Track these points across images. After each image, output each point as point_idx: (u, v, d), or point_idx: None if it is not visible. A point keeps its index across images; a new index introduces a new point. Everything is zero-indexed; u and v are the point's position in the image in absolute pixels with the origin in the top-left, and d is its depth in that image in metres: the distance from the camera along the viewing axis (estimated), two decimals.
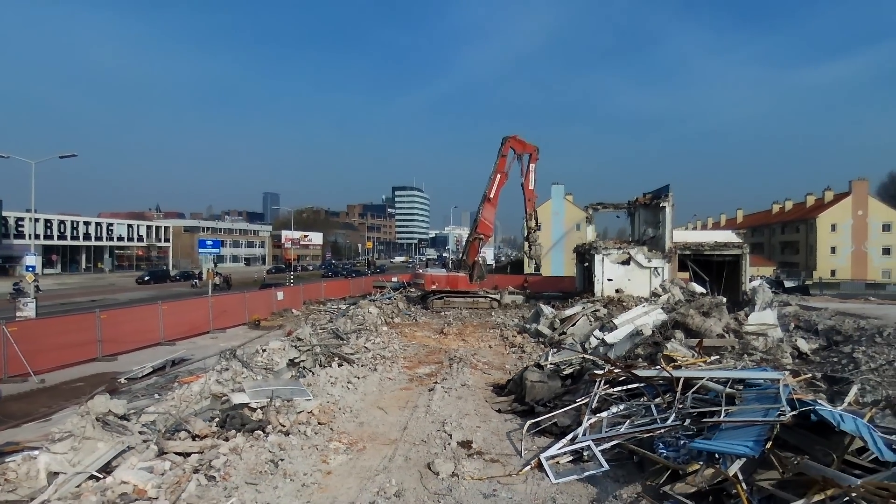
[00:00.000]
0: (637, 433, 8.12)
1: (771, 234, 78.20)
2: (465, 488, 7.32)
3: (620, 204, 35.34)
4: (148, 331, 18.58)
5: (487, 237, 31.09)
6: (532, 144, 29.96)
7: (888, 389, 12.84)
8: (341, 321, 20.28)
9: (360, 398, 11.68)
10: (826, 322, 19.30)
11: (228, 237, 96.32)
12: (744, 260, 29.14)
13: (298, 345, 15.73)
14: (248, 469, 7.52)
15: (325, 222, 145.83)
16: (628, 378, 10.28)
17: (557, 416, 9.62)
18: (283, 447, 8.36)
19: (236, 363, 12.05)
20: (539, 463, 8.09)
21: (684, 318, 15.77)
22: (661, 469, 7.40)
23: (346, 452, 8.60)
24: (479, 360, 16.18)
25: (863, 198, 63.05)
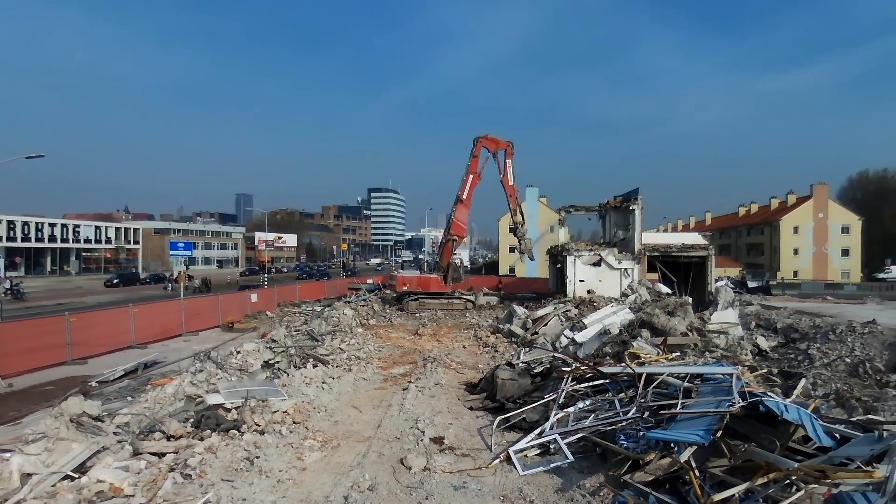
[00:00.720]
0: (600, 426, 8.53)
1: (737, 236, 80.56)
2: (436, 481, 7.61)
3: (592, 207, 36.11)
4: (118, 334, 18.36)
5: (461, 238, 31.35)
6: (505, 141, 30.13)
7: (837, 383, 13.59)
8: (316, 323, 20.36)
9: (335, 398, 11.86)
10: (785, 321, 20.17)
11: (200, 239, 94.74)
12: (709, 261, 30.13)
13: (273, 346, 15.81)
14: (223, 467, 7.67)
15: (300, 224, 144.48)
16: (595, 375, 10.72)
17: (526, 412, 9.99)
18: (258, 445, 8.52)
19: (210, 365, 12.10)
20: (508, 456, 8.43)
21: (650, 318, 16.35)
22: (623, 460, 7.80)
23: (321, 450, 8.80)
24: (452, 360, 16.49)
25: (823, 201, 65.53)
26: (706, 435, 6.50)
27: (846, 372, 14.93)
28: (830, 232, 64.94)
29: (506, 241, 68.41)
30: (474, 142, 30.09)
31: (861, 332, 16.81)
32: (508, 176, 30.16)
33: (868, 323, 17.25)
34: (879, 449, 5.63)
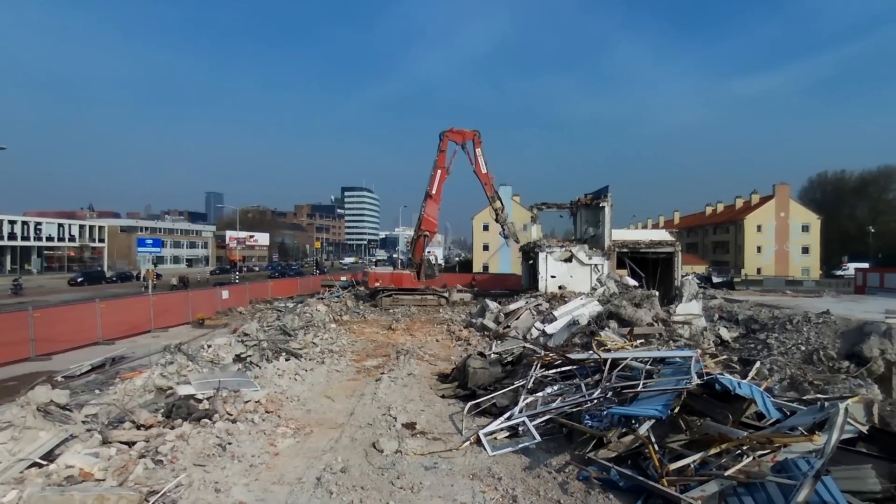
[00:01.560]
0: (567, 408, 8.83)
1: (704, 234, 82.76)
2: (407, 462, 7.79)
3: (563, 204, 36.72)
4: (84, 330, 17.99)
5: (432, 234, 31.49)
6: (470, 131, 30.22)
7: (792, 369, 14.25)
8: (289, 318, 20.28)
9: (308, 388, 11.93)
10: (746, 312, 20.93)
11: (169, 237, 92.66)
12: (676, 257, 30.99)
13: (245, 340, 15.76)
14: (195, 453, 7.71)
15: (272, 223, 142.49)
16: (563, 362, 11.05)
17: (496, 398, 10.24)
18: (230, 433, 8.57)
19: (181, 357, 12.02)
20: (478, 439, 8.66)
21: (618, 309, 16.82)
22: (588, 439, 8.12)
23: (294, 436, 8.89)
24: (425, 353, 16.67)
25: (785, 200, 67.87)
26: (664, 409, 6.84)
27: (801, 359, 15.67)
28: (791, 230, 67.33)
29: (479, 239, 68.94)
30: (440, 136, 30.14)
31: (816, 322, 17.61)
32: (480, 164, 30.21)
33: (822, 313, 18.08)
34: (821, 417, 6.03)
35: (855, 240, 77.07)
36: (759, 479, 5.81)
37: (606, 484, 6.83)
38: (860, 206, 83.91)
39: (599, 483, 6.87)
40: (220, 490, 6.68)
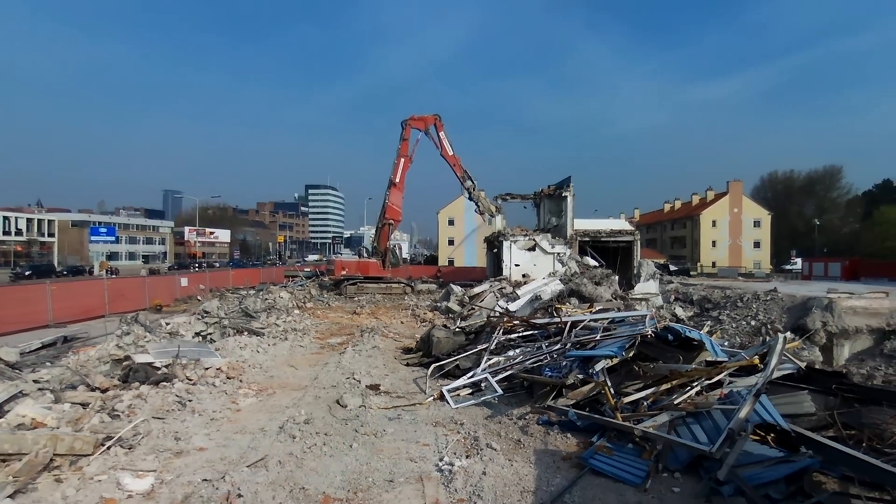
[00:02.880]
0: (528, 363, 9.06)
1: (662, 230, 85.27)
2: (371, 415, 7.86)
3: (527, 195, 37.24)
4: (34, 313, 17.27)
5: (397, 222, 31.46)
6: (431, 115, 30.39)
7: (742, 338, 14.94)
8: (251, 300, 19.98)
9: (270, 359, 11.83)
10: (700, 293, 21.77)
11: (124, 233, 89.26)
12: (635, 246, 31.88)
13: (205, 318, 15.46)
14: (154, 409, 7.59)
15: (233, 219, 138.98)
16: (526, 326, 11.30)
17: (460, 360, 10.41)
18: (190, 392, 8.46)
19: (138, 328, 11.73)
20: (441, 395, 8.80)
21: (579, 287, 17.26)
22: (548, 392, 8.36)
23: (256, 396, 8.83)
24: (390, 331, 16.72)
25: (738, 196, 70.64)
26: (619, 350, 7.13)
27: (750, 332, 16.45)
28: (744, 226, 70.15)
29: (445, 233, 69.17)
30: (402, 125, 30.16)
31: (764, 300, 18.48)
32: (446, 147, 30.33)
33: (770, 291, 18.99)
34: (763, 350, 6.42)
35: (803, 236, 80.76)
36: (706, 408, 6.14)
37: (564, 426, 7.07)
38: (808, 204, 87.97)
39: (558, 425, 7.11)
40: (180, 438, 6.61)
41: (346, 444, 6.58)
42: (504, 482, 5.48)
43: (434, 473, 5.74)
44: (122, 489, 5.19)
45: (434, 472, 5.79)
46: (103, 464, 5.65)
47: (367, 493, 5.22)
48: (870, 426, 6.08)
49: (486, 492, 5.23)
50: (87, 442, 5.71)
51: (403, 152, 30.56)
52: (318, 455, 6.20)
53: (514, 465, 5.96)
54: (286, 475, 5.59)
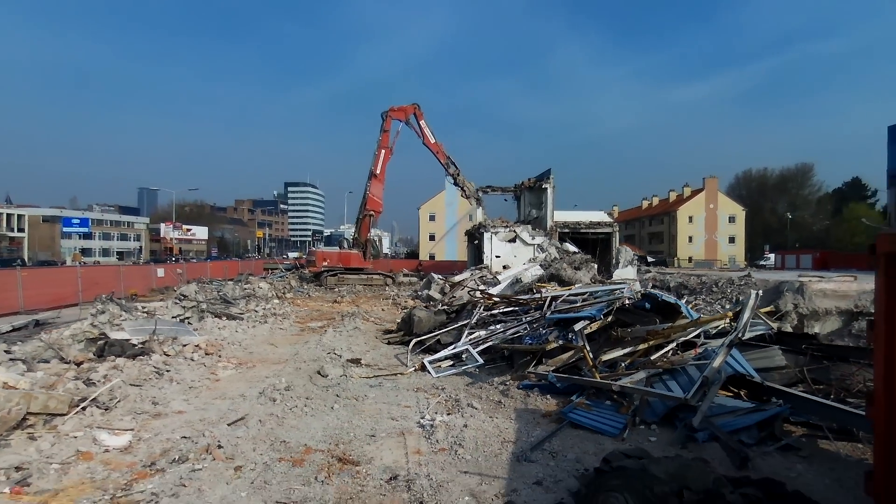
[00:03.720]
0: (509, 334, 9.14)
1: (640, 226, 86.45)
2: (352, 383, 7.85)
3: (508, 187, 37.45)
4: (3, 300, 16.78)
5: (378, 213, 31.36)
6: (410, 105, 30.41)
7: None
8: (229, 287, 19.75)
9: (250, 338, 11.73)
10: (677, 280, 22.14)
11: (98, 228, 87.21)
12: (614, 237, 32.31)
13: (183, 302, 15.24)
14: (131, 378, 7.47)
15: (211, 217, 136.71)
16: (507, 303, 11.39)
17: (441, 335, 10.45)
18: (168, 364, 8.35)
19: (114, 307, 11.52)
20: (423, 366, 8.83)
21: (558, 272, 17.44)
22: (529, 360, 8.45)
23: (236, 369, 8.76)
24: (371, 317, 16.68)
25: (713, 193, 71.99)
26: (598, 312, 7.26)
27: None
28: (720, 221, 71.52)
29: (426, 229, 69.09)
30: (383, 116, 30.08)
31: (739, 284, 18.88)
32: (428, 135, 30.35)
33: (744, 276, 19.42)
34: (737, 307, 6.59)
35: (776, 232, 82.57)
36: (682, 365, 6.29)
37: (544, 389, 7.16)
38: (781, 201, 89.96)
39: (538, 388, 7.19)
40: (158, 403, 6.53)
41: (328, 406, 6.58)
42: (485, 434, 5.55)
43: (415, 429, 5.78)
44: (99, 444, 5.12)
45: (415, 428, 5.82)
46: (79, 423, 5.56)
47: (349, 446, 5.23)
48: (837, 380, 6.30)
49: (467, 441, 5.28)
50: (61, 401, 5.62)
51: (384, 144, 30.48)
52: (299, 415, 6.18)
53: (494, 420, 6.03)
54: (267, 431, 5.57)
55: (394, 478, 4.48)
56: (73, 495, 4.14)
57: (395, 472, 4.58)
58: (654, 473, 3.67)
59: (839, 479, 4.49)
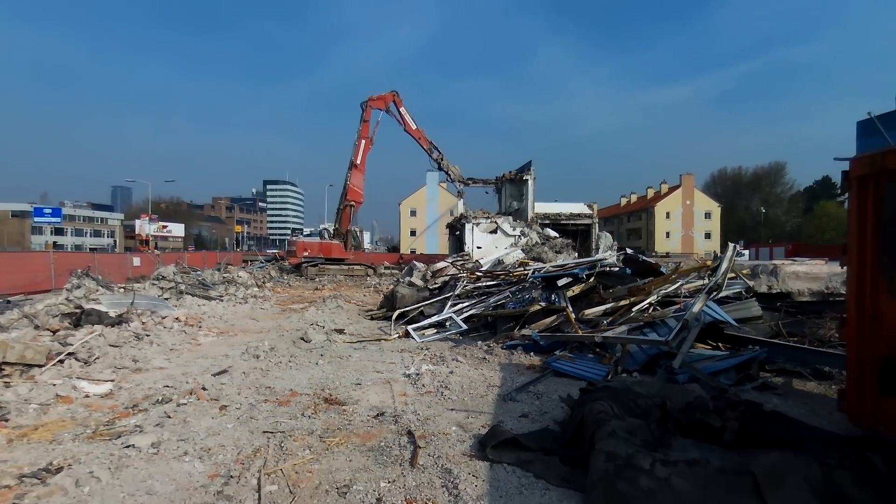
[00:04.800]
0: (492, 301, 9.21)
1: (619, 223, 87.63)
2: (336, 346, 7.84)
3: (489, 180, 37.54)
4: None
5: (358, 203, 31.22)
6: (389, 93, 30.33)
7: None
8: (208, 273, 19.49)
9: (231, 314, 11.59)
10: None
11: (70, 224, 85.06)
12: (594, 228, 32.66)
13: (161, 283, 15.01)
14: (109, 342, 7.33)
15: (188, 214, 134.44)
16: (491, 278, 11.46)
17: (424, 307, 10.47)
18: (147, 330, 8.23)
19: (90, 282, 11.29)
20: (406, 333, 8.84)
21: (540, 255, 17.59)
22: (512, 326, 8.52)
23: (217, 337, 8.66)
24: (353, 300, 16.62)
25: (690, 189, 73.32)
26: (581, 271, 7.36)
27: None
28: (696, 217, 72.87)
29: (407, 224, 69.02)
30: (362, 106, 29.94)
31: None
32: (409, 122, 30.27)
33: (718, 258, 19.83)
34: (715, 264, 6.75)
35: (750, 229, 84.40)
36: (662, 318, 6.42)
37: (528, 347, 7.24)
38: (754, 199, 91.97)
39: (522, 346, 7.27)
40: (139, 361, 6.43)
41: (312, 362, 6.56)
42: (470, 380, 5.60)
43: (401, 378, 5.80)
44: (79, 391, 5.03)
45: (401, 377, 5.85)
46: (57, 374, 5.46)
47: (335, 391, 5.23)
48: (810, 331, 6.50)
49: (453, 385, 5.33)
50: (38, 351, 5.50)
51: (364, 134, 30.34)
52: (284, 369, 6.16)
53: (479, 370, 6.08)
54: (251, 381, 5.54)
55: (380, 414, 4.50)
56: (54, 430, 4.07)
57: (381, 410, 4.60)
58: (638, 391, 3.76)
59: (813, 409, 4.65)
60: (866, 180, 3.64)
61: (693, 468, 2.75)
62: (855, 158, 3.80)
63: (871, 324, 3.56)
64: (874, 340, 3.55)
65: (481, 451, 3.63)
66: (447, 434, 4.01)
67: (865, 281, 3.62)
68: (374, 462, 3.52)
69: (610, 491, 2.77)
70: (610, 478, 2.80)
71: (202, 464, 3.46)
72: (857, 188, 3.71)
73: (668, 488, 2.69)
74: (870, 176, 3.61)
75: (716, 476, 2.72)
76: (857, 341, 3.67)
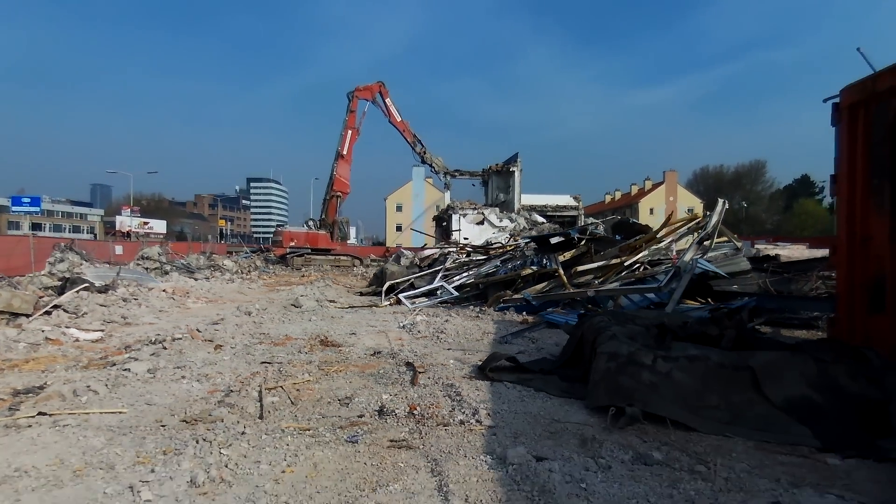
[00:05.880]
0: (484, 270, 9.24)
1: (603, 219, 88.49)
2: (327, 311, 7.80)
3: (476, 172, 37.62)
4: None
5: (345, 194, 31.02)
6: (376, 83, 30.21)
7: None
8: (193, 257, 19.26)
9: (219, 288, 11.48)
10: None
11: (49, 220, 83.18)
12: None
13: (146, 263, 14.81)
14: (96, 303, 7.21)
15: (170, 211, 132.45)
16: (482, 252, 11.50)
17: (414, 280, 10.46)
18: (135, 295, 8.11)
19: (73, 255, 11.10)
20: (398, 300, 8.83)
21: None
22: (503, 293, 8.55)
23: (206, 304, 8.57)
24: (341, 283, 16.57)
25: (673, 185, 74.28)
26: (573, 232, 7.41)
27: None
28: (679, 213, 73.76)
29: (392, 220, 68.88)
30: (349, 97, 29.78)
31: None
32: (394, 113, 30.15)
33: None
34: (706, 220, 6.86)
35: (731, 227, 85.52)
36: (653, 274, 6.50)
37: (520, 308, 7.28)
38: (736, 197, 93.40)
39: (514, 307, 7.31)
40: (128, 317, 6.34)
41: (305, 319, 6.54)
42: (465, 328, 5.62)
43: (396, 329, 5.80)
44: (69, 337, 4.95)
45: (396, 328, 5.85)
46: (45, 322, 5.37)
47: (330, 337, 5.21)
48: (797, 287, 6.64)
49: (448, 331, 5.35)
50: (26, 300, 5.41)
51: (351, 124, 30.15)
52: (277, 323, 6.12)
53: (474, 322, 6.11)
54: (245, 330, 5.49)
55: (377, 353, 4.50)
56: (45, 363, 4.01)
57: (378, 350, 4.60)
58: (636, 315, 3.81)
59: None
60: (857, 107, 3.74)
61: (693, 363, 2.80)
62: (845, 88, 3.89)
63: (862, 246, 3.65)
64: (864, 262, 3.64)
65: (481, 373, 3.65)
66: (445, 365, 4.03)
67: (856, 206, 3.71)
68: (374, 382, 3.52)
69: (612, 386, 2.80)
70: (612, 375, 2.84)
71: (200, 384, 3.43)
72: (848, 117, 3.80)
73: (669, 381, 2.73)
74: (860, 102, 3.70)
75: (715, 370, 2.77)
76: (848, 266, 3.75)
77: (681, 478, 2.00)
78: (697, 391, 2.71)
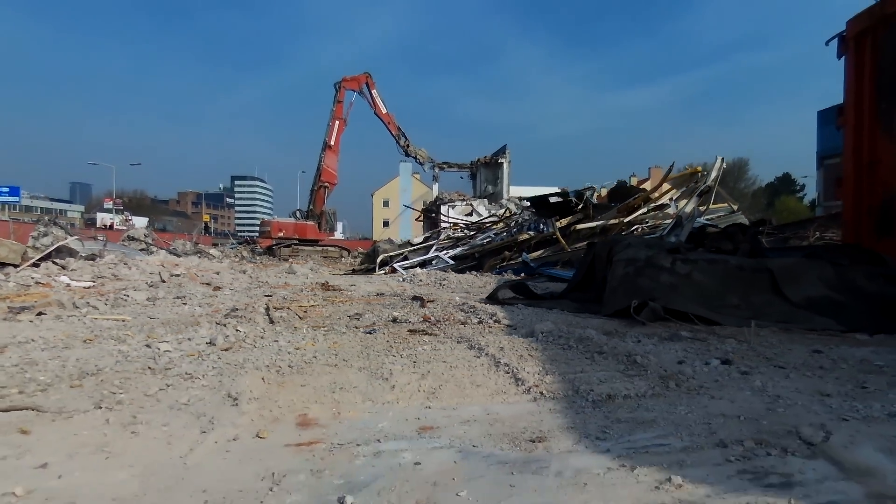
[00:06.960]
0: (479, 240, 9.19)
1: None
2: (322, 275, 7.70)
3: (464, 164, 37.56)
4: None
5: (332, 185, 30.79)
6: (363, 74, 30.07)
7: None
8: (179, 243, 18.98)
9: (208, 264, 11.29)
10: None
11: (27, 216, 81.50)
12: None
13: (132, 244, 14.53)
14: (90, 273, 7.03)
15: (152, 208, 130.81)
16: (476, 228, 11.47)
17: (408, 252, 10.39)
18: (124, 261, 7.92)
19: (57, 230, 10.84)
20: (393, 269, 8.76)
21: None
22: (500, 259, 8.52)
23: (198, 272, 8.41)
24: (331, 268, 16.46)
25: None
26: (572, 194, 7.39)
27: None
28: None
29: (380, 215, 68.66)
30: (336, 87, 29.59)
31: None
32: (379, 105, 29.99)
33: None
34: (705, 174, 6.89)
35: None
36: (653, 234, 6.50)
37: (518, 271, 7.25)
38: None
39: (512, 270, 7.28)
40: (118, 275, 6.18)
41: (302, 277, 6.43)
42: (467, 280, 5.60)
43: (394, 283, 5.73)
44: (60, 283, 4.80)
45: (395, 283, 5.78)
46: (34, 272, 5.20)
47: (331, 283, 5.12)
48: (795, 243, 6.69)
49: (450, 281, 5.30)
50: (13, 250, 5.25)
51: (338, 115, 29.95)
52: (274, 279, 6.02)
53: (474, 277, 6.06)
54: (242, 280, 5.40)
55: (379, 294, 4.43)
56: (38, 297, 3.87)
57: (381, 292, 4.52)
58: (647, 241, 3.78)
59: None
60: (863, 35, 3.75)
61: (713, 265, 2.78)
62: (851, 19, 3.90)
63: (870, 172, 3.66)
64: (872, 187, 3.65)
65: (491, 300, 3.60)
66: (452, 300, 3.97)
67: (863, 133, 3.72)
68: (382, 307, 3.45)
69: (631, 288, 2.77)
70: (631, 278, 2.80)
71: (202, 309, 3.33)
72: (855, 46, 3.82)
73: (689, 281, 2.70)
74: (867, 29, 3.72)
75: (735, 272, 2.75)
76: (855, 193, 3.77)
77: (712, 344, 1.97)
78: (718, 292, 2.68)
